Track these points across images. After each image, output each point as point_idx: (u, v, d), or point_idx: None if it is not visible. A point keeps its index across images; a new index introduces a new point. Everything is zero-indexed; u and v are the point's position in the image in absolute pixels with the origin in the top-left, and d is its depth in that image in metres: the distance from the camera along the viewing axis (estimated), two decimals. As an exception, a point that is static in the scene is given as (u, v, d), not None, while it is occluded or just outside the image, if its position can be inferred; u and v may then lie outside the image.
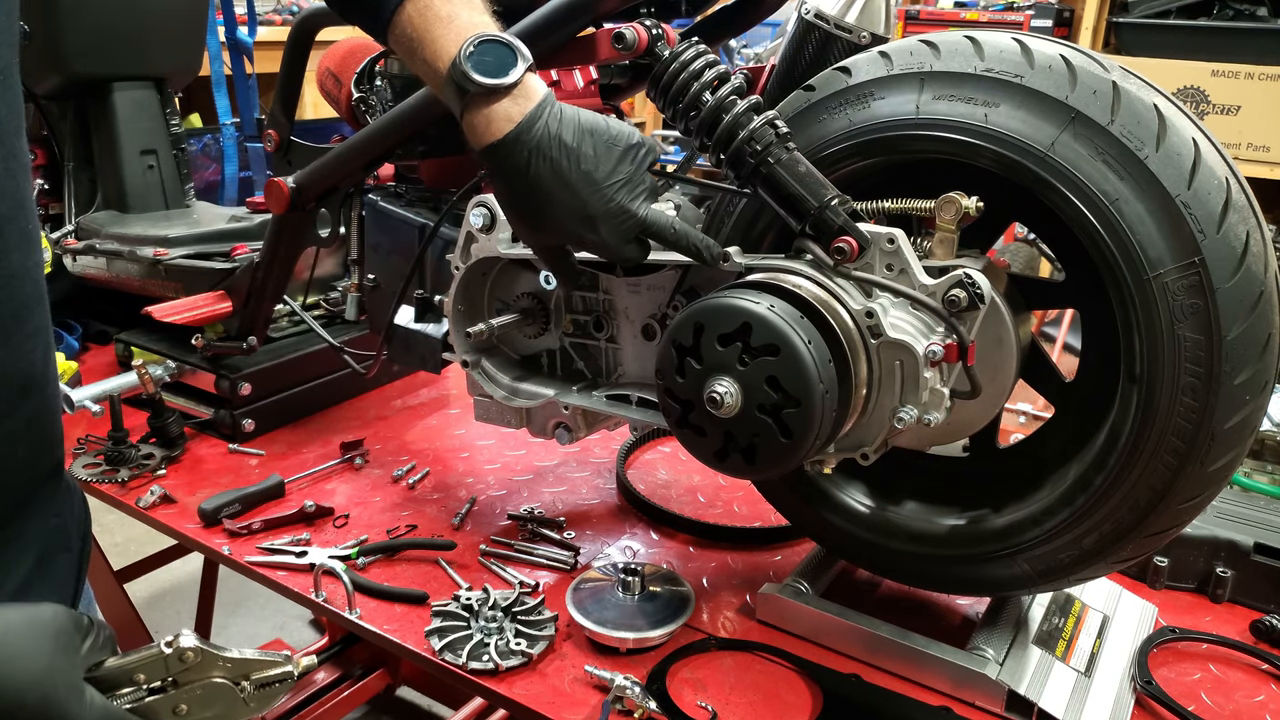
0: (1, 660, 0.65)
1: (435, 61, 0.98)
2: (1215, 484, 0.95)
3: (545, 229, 1.03)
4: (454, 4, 0.99)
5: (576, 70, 1.40)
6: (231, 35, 2.42)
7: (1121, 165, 0.90)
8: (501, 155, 0.97)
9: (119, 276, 1.87)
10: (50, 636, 0.69)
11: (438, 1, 0.98)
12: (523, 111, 0.97)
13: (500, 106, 0.96)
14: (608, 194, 0.99)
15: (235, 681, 0.77)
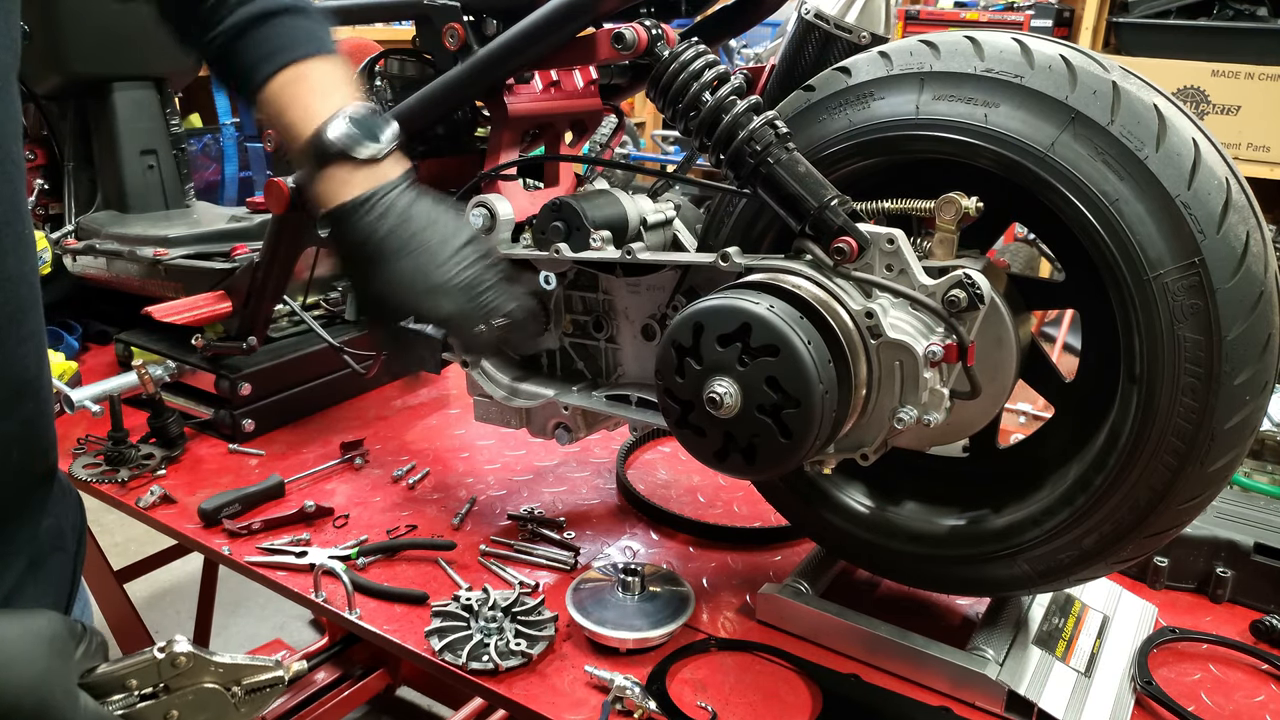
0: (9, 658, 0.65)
1: (304, 123, 1.00)
2: (1215, 484, 0.95)
3: (389, 299, 1.00)
4: (332, 81, 1.03)
5: (576, 70, 1.40)
6: (231, 35, 2.42)
7: (1121, 165, 0.90)
8: (353, 216, 0.98)
9: (119, 276, 1.87)
10: (45, 643, 0.69)
11: (316, 75, 1.03)
12: (383, 178, 0.99)
13: (362, 172, 0.99)
14: (453, 267, 0.98)
15: (226, 687, 0.78)
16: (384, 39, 1.62)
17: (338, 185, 0.99)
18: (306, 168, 1.01)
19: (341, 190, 0.99)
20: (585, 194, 1.23)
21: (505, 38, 1.19)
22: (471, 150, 1.49)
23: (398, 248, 0.98)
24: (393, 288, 0.99)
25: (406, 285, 0.98)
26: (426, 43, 1.36)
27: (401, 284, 0.98)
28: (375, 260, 0.98)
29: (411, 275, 0.98)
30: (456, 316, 1.00)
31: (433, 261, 0.98)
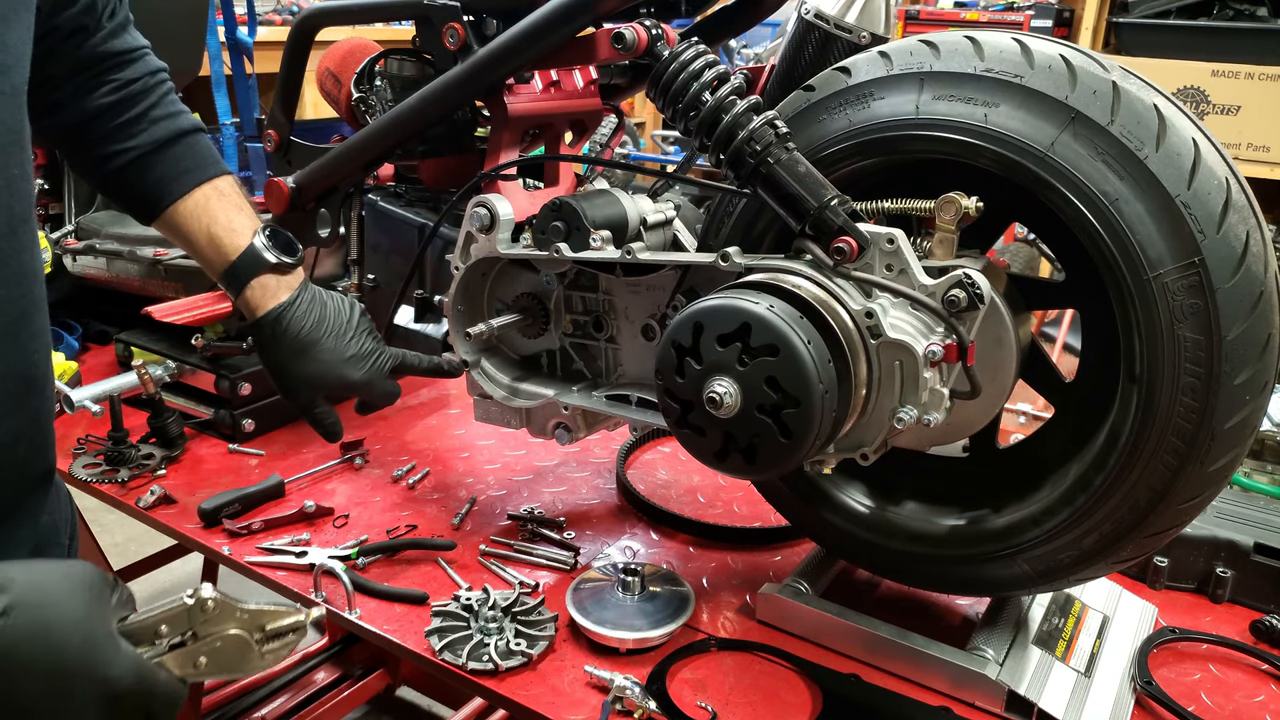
0: (44, 609, 0.67)
1: (230, 236, 1.17)
2: (1215, 484, 0.95)
3: (314, 378, 1.21)
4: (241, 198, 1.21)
5: (576, 70, 1.40)
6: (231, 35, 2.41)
7: (1121, 165, 0.90)
8: (285, 317, 1.18)
9: (119, 276, 1.87)
10: (84, 588, 0.71)
11: (229, 192, 1.19)
12: (296, 283, 1.21)
13: (285, 279, 1.20)
14: (360, 338, 1.23)
15: (251, 633, 0.78)
16: (384, 39, 1.62)
17: (268, 293, 1.18)
18: (231, 280, 1.18)
19: (271, 297, 1.18)
20: (585, 194, 1.23)
21: (505, 38, 1.19)
22: (471, 150, 1.49)
23: (319, 335, 1.20)
24: (320, 365, 1.20)
25: (329, 362, 1.20)
26: (426, 43, 1.36)
27: (326, 361, 1.20)
28: (304, 349, 1.19)
29: (331, 353, 1.20)
30: (365, 377, 1.24)
31: (343, 339, 1.22)
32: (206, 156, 1.19)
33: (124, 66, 1.12)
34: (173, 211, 1.16)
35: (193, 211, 1.16)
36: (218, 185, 1.18)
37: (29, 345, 0.88)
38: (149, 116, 1.13)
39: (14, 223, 0.85)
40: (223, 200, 1.18)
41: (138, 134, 1.12)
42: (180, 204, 1.15)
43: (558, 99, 1.36)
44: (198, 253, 1.19)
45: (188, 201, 1.16)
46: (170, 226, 1.18)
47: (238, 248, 1.17)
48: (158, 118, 1.14)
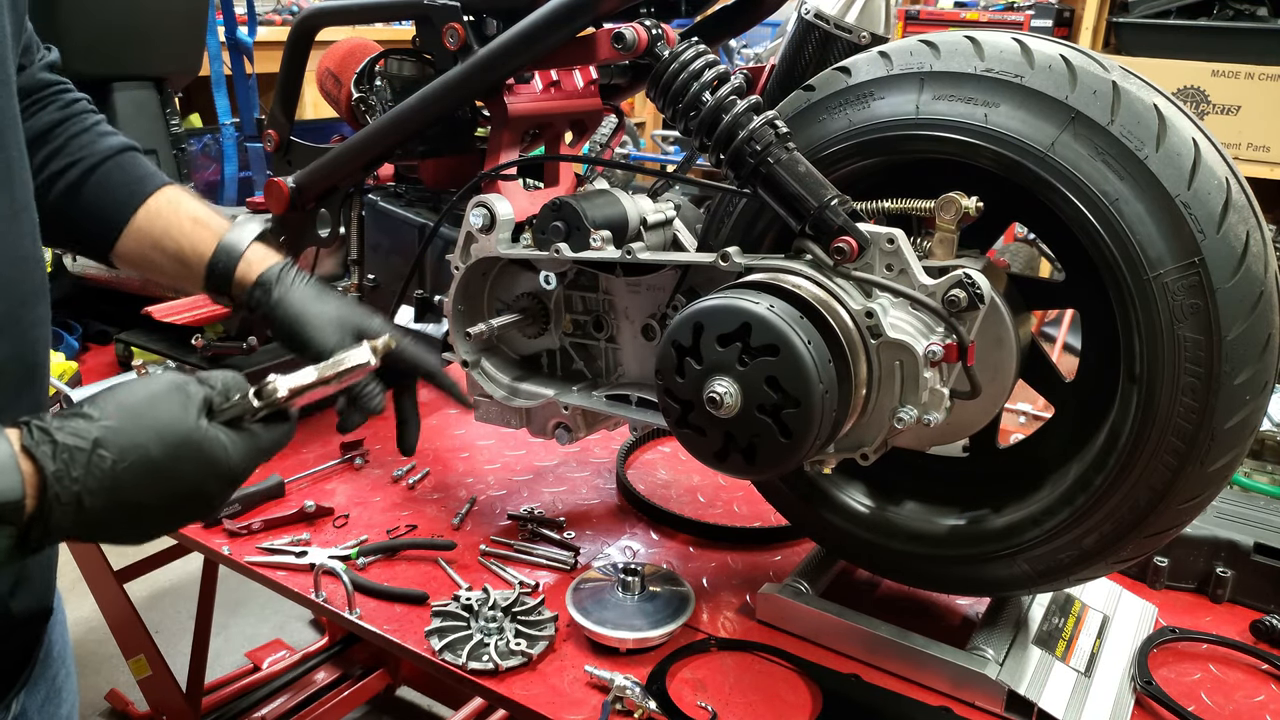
0: (147, 445, 0.73)
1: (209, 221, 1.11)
2: (1215, 484, 0.95)
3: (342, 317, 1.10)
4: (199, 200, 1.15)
5: (576, 70, 1.40)
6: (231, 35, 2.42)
7: (1121, 165, 0.90)
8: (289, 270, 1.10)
9: (119, 277, 1.87)
10: (172, 400, 0.76)
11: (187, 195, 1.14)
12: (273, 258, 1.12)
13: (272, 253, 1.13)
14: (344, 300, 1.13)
15: (329, 380, 0.85)
16: (384, 39, 1.62)
17: (265, 259, 1.10)
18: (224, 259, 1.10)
19: (266, 261, 1.10)
20: (585, 194, 1.23)
21: (505, 38, 1.19)
22: (471, 150, 1.49)
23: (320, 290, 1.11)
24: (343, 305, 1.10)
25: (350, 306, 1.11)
26: (426, 43, 1.36)
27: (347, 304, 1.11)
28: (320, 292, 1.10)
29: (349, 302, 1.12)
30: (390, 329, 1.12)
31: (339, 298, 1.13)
32: (150, 169, 1.15)
33: (61, 93, 1.12)
34: (134, 225, 1.11)
35: (156, 215, 1.11)
36: (175, 190, 1.14)
37: (30, 333, 0.89)
38: (97, 129, 1.12)
39: (15, 208, 0.86)
40: (185, 200, 1.13)
41: (89, 144, 1.10)
42: (139, 214, 1.11)
43: (558, 99, 1.36)
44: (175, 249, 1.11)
45: (146, 210, 1.11)
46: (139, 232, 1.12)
47: (222, 228, 1.11)
48: (104, 132, 1.12)
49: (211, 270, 1.09)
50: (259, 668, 2.61)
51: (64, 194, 1.08)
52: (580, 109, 1.40)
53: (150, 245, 1.11)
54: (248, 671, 2.60)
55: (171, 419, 0.75)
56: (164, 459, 0.73)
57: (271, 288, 1.08)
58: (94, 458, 0.70)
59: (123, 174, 1.10)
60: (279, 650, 2.67)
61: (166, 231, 1.10)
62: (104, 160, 1.10)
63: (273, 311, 1.09)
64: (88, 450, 0.70)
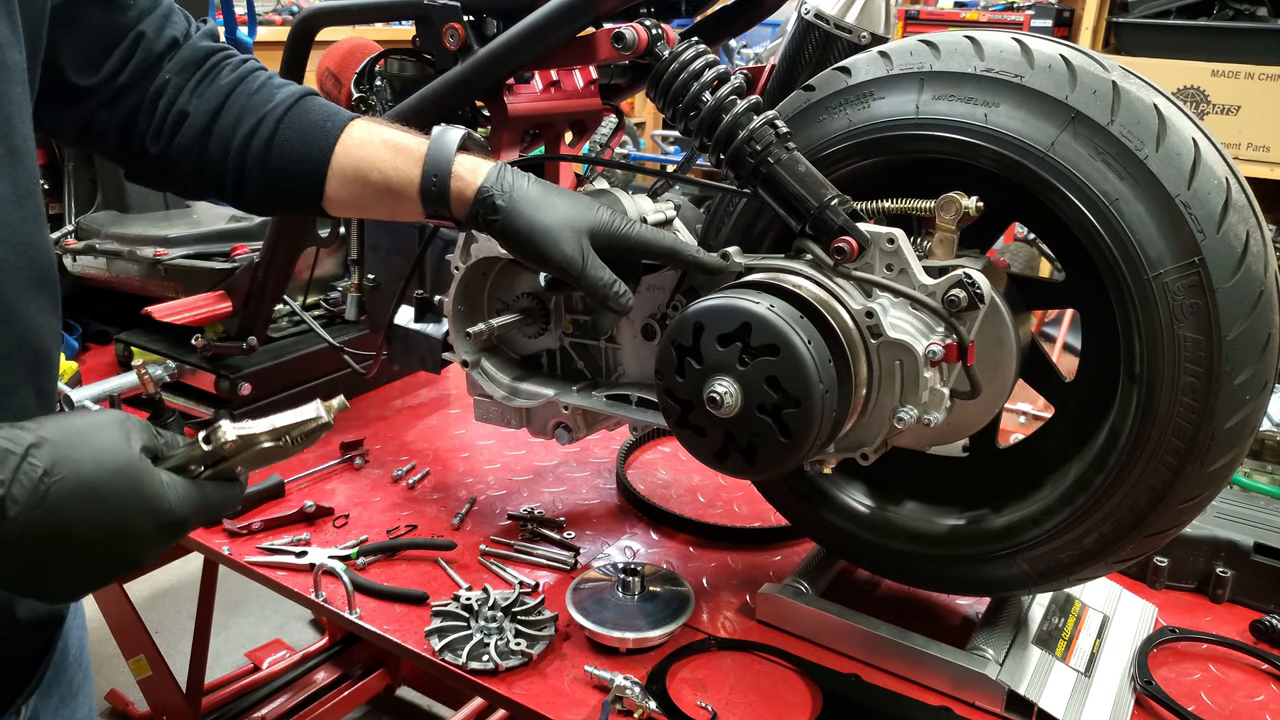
0: (84, 462, 0.69)
1: (410, 137, 1.05)
2: (1215, 484, 0.95)
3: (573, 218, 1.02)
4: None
5: (576, 70, 1.40)
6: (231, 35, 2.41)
7: (1121, 165, 0.90)
8: (507, 174, 1.02)
9: (119, 276, 1.87)
10: (118, 432, 0.73)
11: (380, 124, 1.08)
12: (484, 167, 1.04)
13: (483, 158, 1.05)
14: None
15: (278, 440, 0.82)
16: (384, 39, 1.62)
17: (473, 172, 1.02)
18: (431, 185, 1.03)
19: (478, 172, 1.02)
20: (585, 194, 1.23)
21: (505, 37, 1.19)
22: (471, 150, 1.48)
23: (544, 191, 1.03)
24: (574, 204, 1.03)
25: (581, 202, 1.03)
26: (426, 43, 1.35)
27: (576, 201, 1.03)
28: (545, 193, 1.02)
29: (576, 199, 1.04)
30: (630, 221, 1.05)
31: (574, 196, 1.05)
32: (334, 108, 1.10)
33: (228, 57, 1.10)
34: (340, 152, 1.06)
35: (359, 142, 1.06)
36: (365, 120, 1.09)
37: (37, 319, 0.88)
38: (272, 83, 1.09)
39: (19, 192, 0.85)
40: (378, 126, 1.08)
41: (269, 97, 1.07)
42: (343, 141, 1.06)
43: (558, 99, 1.35)
44: (381, 181, 1.05)
45: (350, 134, 1.06)
46: (342, 173, 1.06)
47: (422, 146, 1.04)
48: (280, 84, 1.09)
49: (425, 197, 1.03)
50: (259, 668, 2.60)
51: (262, 152, 1.06)
52: (580, 109, 1.40)
53: (358, 185, 1.06)
54: (248, 671, 2.60)
55: (113, 444, 0.71)
56: (98, 481, 0.69)
57: (495, 203, 1.01)
58: (25, 464, 0.66)
59: (307, 118, 1.07)
60: (279, 650, 2.67)
61: (370, 165, 1.05)
62: (288, 109, 1.07)
63: (503, 231, 1.02)
64: (19, 455, 0.66)
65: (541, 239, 1.00)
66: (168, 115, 1.05)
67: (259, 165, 1.07)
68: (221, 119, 1.06)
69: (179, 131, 1.06)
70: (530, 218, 1.01)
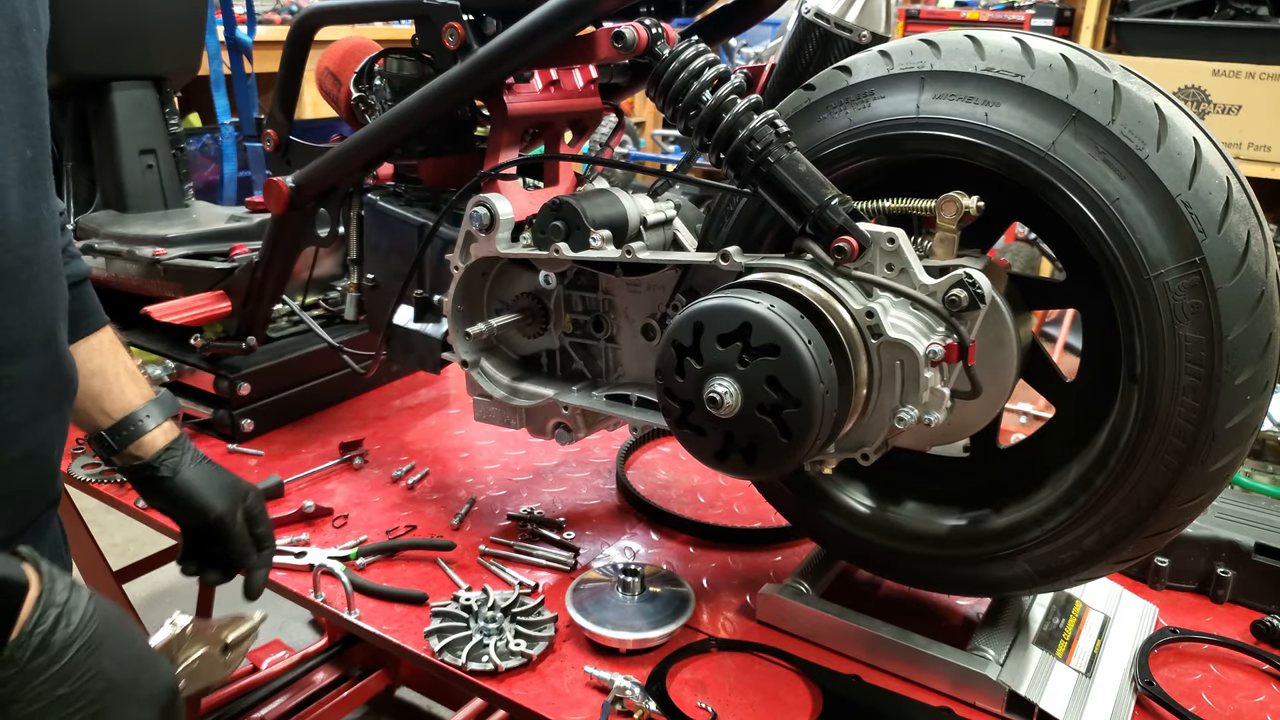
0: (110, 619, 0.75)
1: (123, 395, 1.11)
2: (1216, 484, 0.95)
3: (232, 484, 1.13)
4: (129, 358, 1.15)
5: (576, 69, 1.40)
6: (230, 34, 2.42)
7: (1122, 165, 0.90)
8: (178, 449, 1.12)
9: (118, 276, 1.87)
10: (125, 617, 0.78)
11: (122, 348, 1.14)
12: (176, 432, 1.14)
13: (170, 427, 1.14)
14: None
15: (215, 648, 0.91)
16: (384, 39, 1.62)
17: (160, 438, 1.11)
18: (133, 422, 1.10)
19: (159, 440, 1.11)
20: (585, 193, 1.23)
21: (505, 37, 1.19)
22: (471, 150, 1.48)
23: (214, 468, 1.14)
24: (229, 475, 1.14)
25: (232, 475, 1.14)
26: (426, 42, 1.35)
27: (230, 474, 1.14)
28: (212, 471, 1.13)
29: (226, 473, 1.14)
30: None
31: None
32: (97, 304, 1.14)
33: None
34: (83, 346, 1.09)
35: (105, 347, 1.12)
36: (109, 335, 1.13)
37: (64, 347, 0.92)
38: (66, 251, 1.09)
39: (53, 224, 0.89)
40: (118, 354, 1.13)
41: None
42: (91, 339, 1.10)
43: (557, 98, 1.35)
44: (100, 389, 1.10)
45: (101, 336, 1.11)
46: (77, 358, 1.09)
47: (149, 391, 1.13)
48: (71, 254, 1.10)
49: (122, 425, 1.10)
50: (258, 668, 2.60)
51: None
52: (580, 108, 1.40)
53: (93, 372, 1.09)
54: (247, 672, 2.59)
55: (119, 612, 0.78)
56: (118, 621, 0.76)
57: (172, 459, 1.10)
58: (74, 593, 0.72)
59: (75, 304, 1.06)
60: (278, 650, 2.66)
61: (99, 370, 1.10)
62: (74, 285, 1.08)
63: (153, 492, 1.12)
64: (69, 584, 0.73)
65: (198, 493, 1.10)
66: None
67: None
68: None
69: None
70: (193, 484, 1.10)
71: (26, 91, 0.84)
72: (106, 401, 1.10)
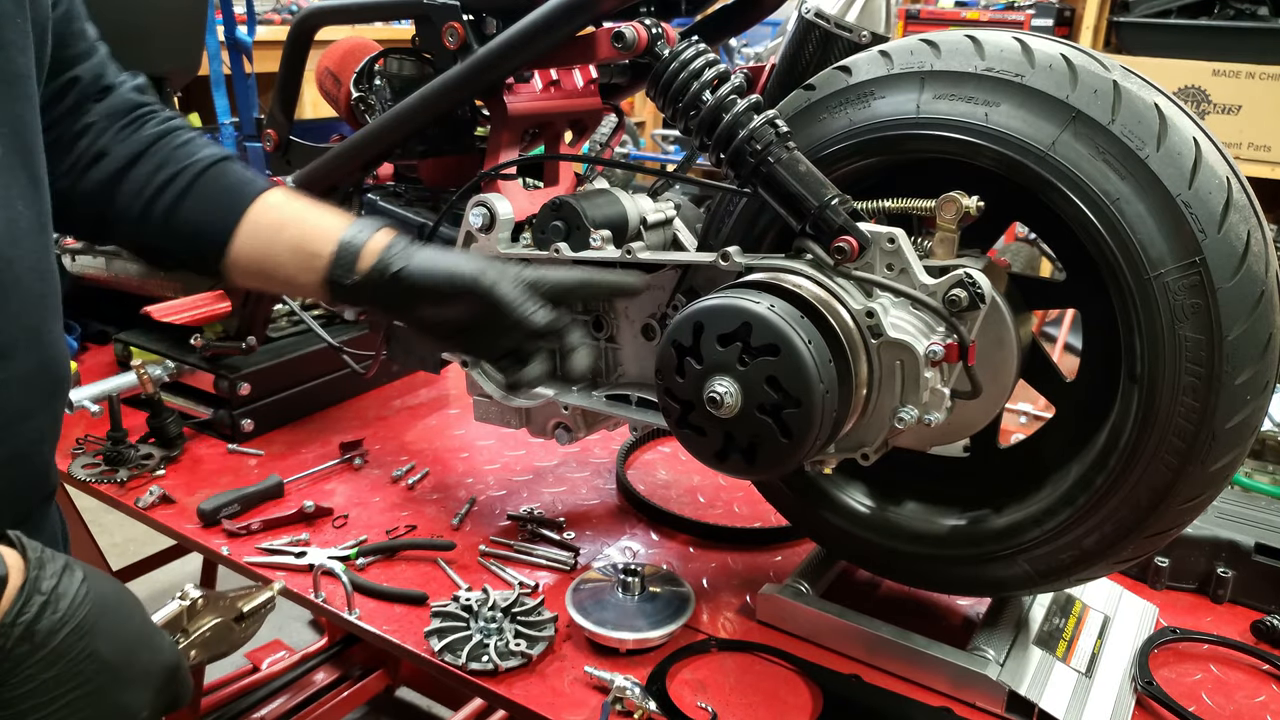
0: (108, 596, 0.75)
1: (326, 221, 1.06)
2: (1216, 484, 0.95)
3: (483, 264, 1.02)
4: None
5: (576, 69, 1.40)
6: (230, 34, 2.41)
7: (1122, 164, 0.90)
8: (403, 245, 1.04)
9: (118, 276, 1.87)
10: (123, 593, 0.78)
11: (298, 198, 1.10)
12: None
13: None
14: None
15: (229, 618, 0.90)
16: (384, 39, 1.62)
17: (379, 241, 1.03)
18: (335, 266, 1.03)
19: (381, 240, 1.03)
20: (585, 193, 1.23)
21: (505, 37, 1.19)
22: (471, 149, 1.49)
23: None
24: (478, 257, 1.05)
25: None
26: (426, 42, 1.35)
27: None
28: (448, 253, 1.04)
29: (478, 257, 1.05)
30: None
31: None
32: (256, 174, 1.13)
33: (155, 111, 1.12)
34: (259, 207, 1.07)
35: (280, 203, 1.08)
36: (287, 190, 1.13)
37: (57, 344, 0.92)
38: (198, 141, 1.11)
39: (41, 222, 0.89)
40: (297, 199, 1.10)
41: (192, 153, 1.09)
42: (254, 208, 1.07)
43: (557, 98, 1.35)
44: (296, 237, 1.06)
45: (260, 205, 1.07)
46: (255, 226, 1.07)
47: (345, 220, 1.06)
48: (206, 143, 1.11)
49: (339, 257, 1.03)
50: (258, 668, 2.60)
51: (173, 202, 1.07)
52: (580, 108, 1.40)
53: (268, 238, 1.06)
54: (247, 672, 2.60)
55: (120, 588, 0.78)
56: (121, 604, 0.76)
57: (398, 250, 1.02)
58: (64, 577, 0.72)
59: (226, 179, 1.09)
60: (278, 650, 2.67)
61: (287, 222, 1.06)
62: (207, 168, 1.09)
63: (408, 275, 1.01)
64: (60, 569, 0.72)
65: (449, 269, 1.00)
66: (85, 153, 1.06)
67: (166, 215, 1.06)
68: (140, 165, 1.07)
69: (92, 169, 1.06)
70: (430, 263, 1.02)
71: (4, 86, 0.84)
72: (308, 245, 1.04)
